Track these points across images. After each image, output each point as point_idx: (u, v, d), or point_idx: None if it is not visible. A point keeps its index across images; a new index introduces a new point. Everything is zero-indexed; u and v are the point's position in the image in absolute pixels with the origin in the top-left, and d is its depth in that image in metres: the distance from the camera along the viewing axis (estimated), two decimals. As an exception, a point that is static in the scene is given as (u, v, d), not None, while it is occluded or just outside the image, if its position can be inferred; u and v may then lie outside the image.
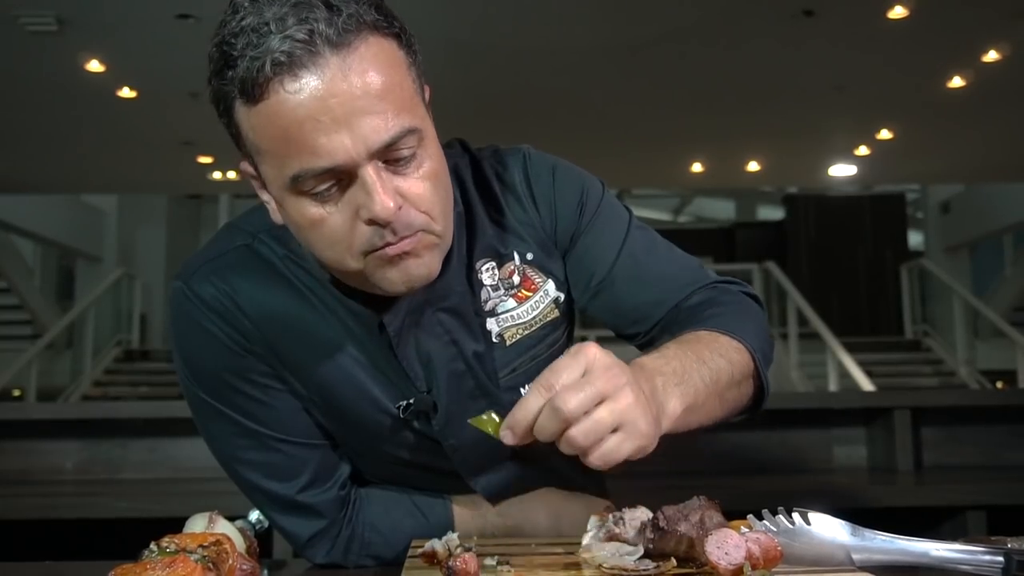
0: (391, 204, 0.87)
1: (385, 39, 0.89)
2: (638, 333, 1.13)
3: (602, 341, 0.91)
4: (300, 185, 0.87)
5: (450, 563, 0.78)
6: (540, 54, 6.71)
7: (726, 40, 6.56)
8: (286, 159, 0.86)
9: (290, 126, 0.84)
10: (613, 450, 0.79)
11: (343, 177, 0.87)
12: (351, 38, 0.85)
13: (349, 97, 0.84)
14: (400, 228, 0.89)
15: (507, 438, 0.82)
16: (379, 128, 0.86)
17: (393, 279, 0.93)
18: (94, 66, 6.73)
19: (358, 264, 0.92)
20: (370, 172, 0.87)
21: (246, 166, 0.96)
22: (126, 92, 7.23)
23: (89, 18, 6.00)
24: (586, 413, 0.78)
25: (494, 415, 0.86)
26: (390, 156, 0.88)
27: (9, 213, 10.51)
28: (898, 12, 6.06)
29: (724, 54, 6.79)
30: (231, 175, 9.75)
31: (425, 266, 0.94)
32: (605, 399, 0.79)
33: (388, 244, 0.90)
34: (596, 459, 0.79)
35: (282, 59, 0.83)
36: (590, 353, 0.81)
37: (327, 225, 0.90)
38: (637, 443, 0.80)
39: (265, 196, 0.97)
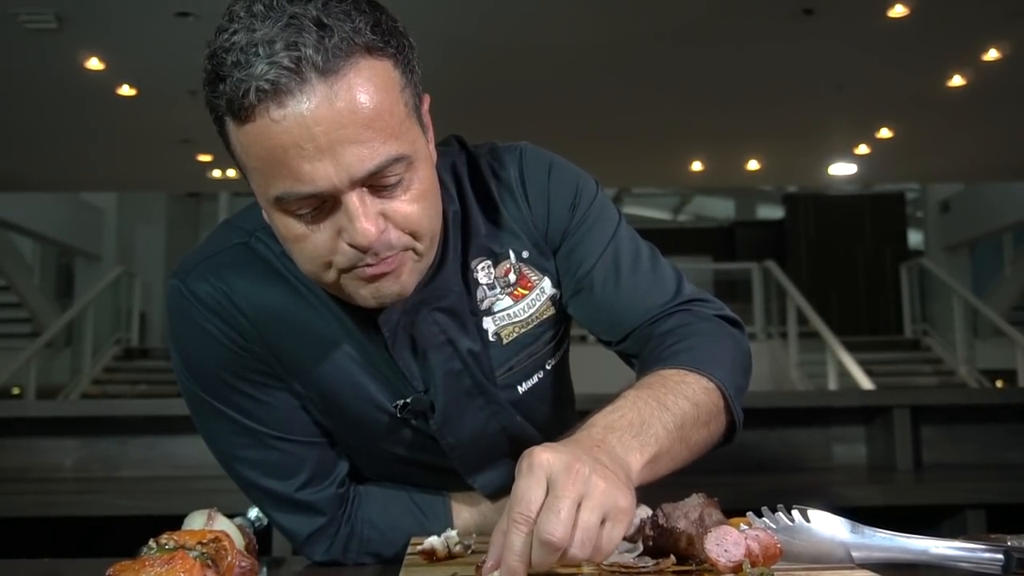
0: (372, 231, 0.87)
1: (378, 61, 0.87)
2: (611, 340, 1.13)
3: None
4: (284, 205, 0.88)
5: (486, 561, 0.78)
6: (540, 52, 6.71)
7: (726, 38, 6.55)
8: (271, 180, 0.86)
9: (275, 150, 0.84)
10: (609, 542, 0.77)
11: (327, 200, 0.87)
12: (340, 64, 0.83)
13: (334, 125, 0.83)
14: (381, 250, 0.89)
15: None
16: (364, 157, 0.85)
17: (364, 295, 0.94)
18: (93, 64, 6.73)
19: (334, 278, 0.92)
20: (353, 199, 0.86)
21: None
22: (125, 90, 7.23)
23: (88, 16, 6.00)
24: (573, 526, 0.74)
25: None
26: (375, 183, 0.88)
27: (8, 211, 10.52)
28: (898, 11, 6.06)
29: (724, 52, 6.79)
30: (230, 173, 9.75)
31: (399, 284, 0.94)
32: (582, 500, 0.75)
33: (368, 265, 0.90)
34: (599, 558, 0.78)
35: (266, 87, 0.82)
36: (544, 462, 0.77)
37: (309, 242, 0.90)
38: (624, 521, 0.78)
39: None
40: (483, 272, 1.08)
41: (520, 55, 6.79)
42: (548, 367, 1.13)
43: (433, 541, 0.90)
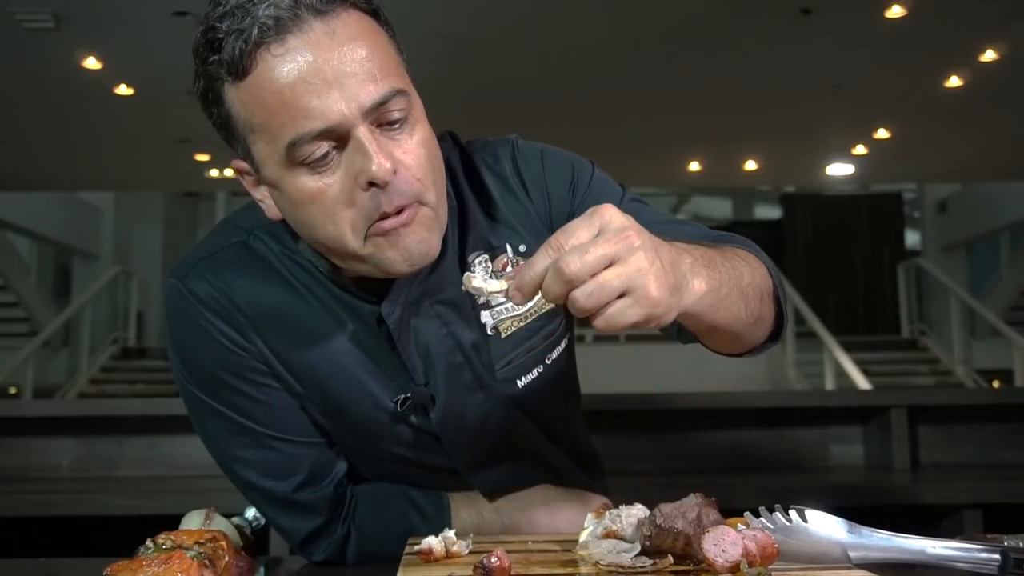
0: (387, 164, 0.88)
1: (364, 16, 0.91)
2: None
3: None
4: (296, 153, 0.88)
5: (483, 561, 0.78)
6: (536, 51, 6.71)
7: (724, 38, 6.56)
8: (280, 128, 0.87)
9: (282, 90, 0.86)
10: (617, 314, 0.75)
11: (338, 142, 0.88)
12: (335, 7, 0.88)
13: (337, 57, 0.86)
14: (396, 194, 0.90)
15: (516, 298, 0.79)
16: (369, 87, 0.87)
17: (394, 258, 0.93)
18: (91, 63, 6.72)
19: (359, 243, 0.91)
20: (365, 133, 0.88)
21: (239, 163, 0.96)
22: (123, 89, 7.22)
23: (86, 15, 5.99)
24: (593, 275, 0.74)
25: None
26: (382, 119, 0.89)
27: (5, 210, 10.49)
28: (896, 11, 6.07)
29: (722, 52, 6.79)
30: (228, 173, 9.73)
31: (424, 243, 0.93)
32: (614, 262, 0.74)
33: (385, 216, 0.90)
34: (600, 322, 0.76)
35: (269, 23, 0.85)
36: (606, 214, 0.77)
37: (327, 197, 0.89)
38: (645, 310, 0.75)
39: (258, 195, 0.97)
40: (480, 266, 1.08)
41: (517, 55, 6.79)
42: (548, 361, 1.13)
43: (431, 541, 0.90)
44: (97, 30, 6.23)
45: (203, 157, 9.16)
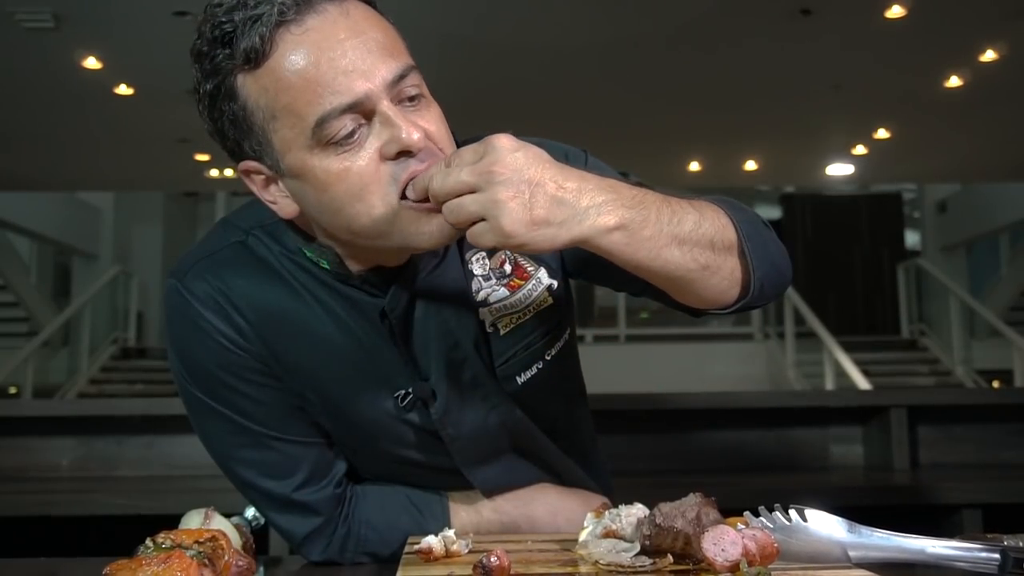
0: (416, 133, 0.90)
1: (367, 7, 0.94)
2: (636, 279, 1.04)
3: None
4: (324, 131, 0.88)
5: (483, 560, 0.78)
6: (536, 51, 6.71)
7: (723, 39, 6.56)
8: (307, 106, 0.88)
9: (306, 68, 0.87)
10: (476, 236, 0.84)
11: (364, 117, 0.89)
12: None
13: (355, 32, 0.89)
14: (428, 155, 0.91)
15: (409, 192, 0.89)
16: (389, 62, 0.90)
17: (429, 231, 0.92)
18: (91, 63, 6.72)
19: (389, 214, 0.91)
20: (389, 105, 0.89)
21: (249, 163, 0.95)
22: (123, 89, 7.22)
23: (86, 15, 5.99)
24: (458, 196, 0.83)
25: None
26: (402, 94, 0.91)
27: (5, 210, 10.49)
28: (895, 11, 6.07)
29: (722, 52, 6.79)
30: (228, 172, 9.73)
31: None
32: (475, 190, 0.82)
33: (413, 172, 0.90)
34: (469, 238, 0.84)
35: (288, 3, 0.87)
36: (497, 143, 0.84)
37: (352, 172, 0.90)
38: (499, 238, 0.82)
39: (268, 196, 0.97)
40: (478, 263, 1.08)
41: (516, 55, 6.78)
42: (547, 358, 1.12)
43: (430, 540, 0.90)
44: (97, 30, 6.23)
45: (203, 157, 9.16)
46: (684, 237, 0.90)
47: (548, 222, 0.83)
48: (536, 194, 0.82)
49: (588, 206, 0.84)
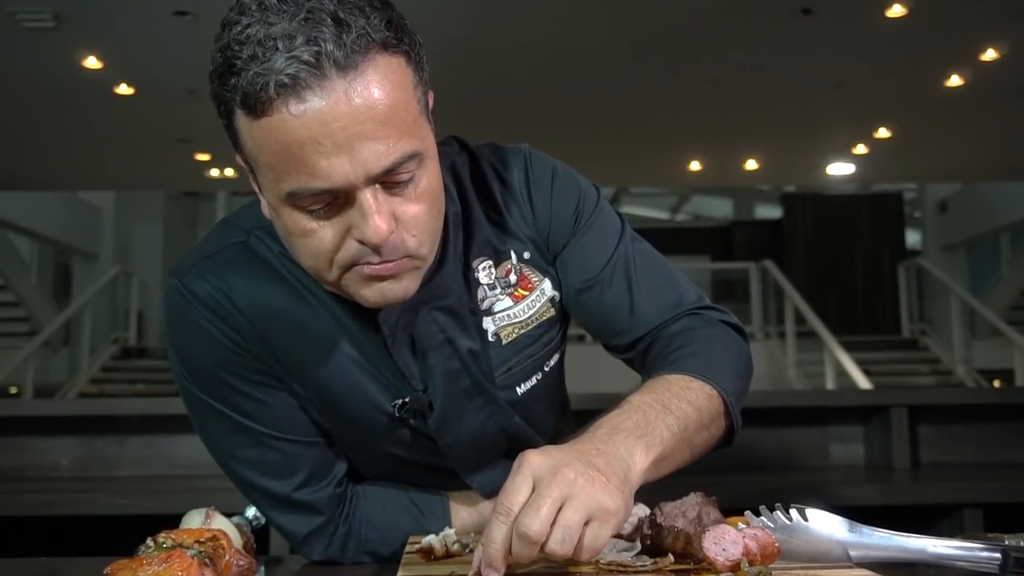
0: (384, 228, 0.86)
1: (393, 58, 0.86)
2: (619, 345, 1.13)
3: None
4: (296, 201, 0.87)
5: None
6: (537, 51, 6.71)
7: (724, 38, 6.56)
8: (284, 175, 0.85)
9: (291, 145, 0.83)
10: (593, 541, 0.78)
11: (340, 197, 0.86)
12: (358, 60, 0.82)
13: (352, 121, 0.82)
14: (387, 252, 0.89)
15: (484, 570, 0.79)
16: (380, 154, 0.84)
17: (368, 296, 0.93)
18: (91, 63, 6.72)
19: (336, 276, 0.92)
20: (368, 196, 0.86)
21: (242, 160, 0.95)
22: (123, 89, 7.22)
23: (86, 15, 5.99)
24: (554, 523, 0.76)
25: None
26: (389, 180, 0.87)
27: (6, 210, 10.50)
28: (896, 11, 6.07)
29: (722, 52, 6.79)
30: (228, 172, 9.74)
31: (402, 288, 0.94)
32: (565, 501, 0.77)
33: (368, 263, 0.90)
34: (584, 556, 0.78)
35: (287, 81, 0.81)
36: (533, 463, 0.80)
37: (317, 237, 0.89)
38: (612, 523, 0.79)
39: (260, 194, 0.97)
40: (484, 272, 1.08)
41: (517, 54, 6.78)
42: (546, 369, 1.13)
43: (431, 540, 0.90)
44: (97, 30, 6.23)
45: (203, 157, 9.16)
46: (691, 437, 0.96)
47: (624, 481, 0.83)
48: (601, 466, 0.81)
49: (623, 455, 0.85)
